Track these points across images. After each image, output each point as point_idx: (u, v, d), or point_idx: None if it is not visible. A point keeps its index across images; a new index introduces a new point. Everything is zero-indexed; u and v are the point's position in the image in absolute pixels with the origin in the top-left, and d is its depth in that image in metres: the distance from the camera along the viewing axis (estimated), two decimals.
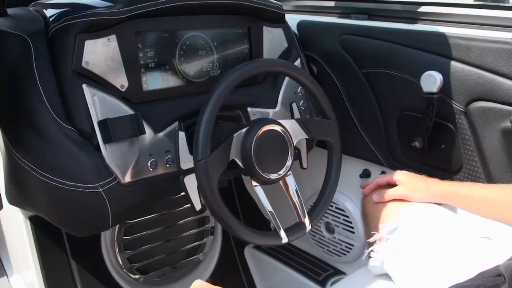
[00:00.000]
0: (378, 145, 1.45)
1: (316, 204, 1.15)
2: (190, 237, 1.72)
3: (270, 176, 1.05)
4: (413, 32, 1.29)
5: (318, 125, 1.15)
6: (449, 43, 1.20)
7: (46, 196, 1.02)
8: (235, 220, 0.98)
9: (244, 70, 1.00)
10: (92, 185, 0.99)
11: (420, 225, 1.07)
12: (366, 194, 1.23)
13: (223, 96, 0.96)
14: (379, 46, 1.35)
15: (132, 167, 1.04)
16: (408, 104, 1.32)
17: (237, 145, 1.01)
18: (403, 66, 1.30)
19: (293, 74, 1.09)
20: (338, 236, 1.69)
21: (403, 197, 1.14)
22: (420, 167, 1.33)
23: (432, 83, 1.18)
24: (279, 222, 1.05)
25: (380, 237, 1.11)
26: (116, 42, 1.04)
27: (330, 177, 1.16)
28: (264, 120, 1.06)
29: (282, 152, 1.07)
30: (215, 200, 0.94)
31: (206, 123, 0.94)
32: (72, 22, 0.98)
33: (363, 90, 1.42)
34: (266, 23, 1.31)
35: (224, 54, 1.25)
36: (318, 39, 1.51)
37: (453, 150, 1.25)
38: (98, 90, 1.00)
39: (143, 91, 1.11)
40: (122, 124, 1.00)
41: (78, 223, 1.07)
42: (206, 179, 0.93)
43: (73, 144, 0.98)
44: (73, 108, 0.99)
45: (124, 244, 1.55)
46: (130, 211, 1.09)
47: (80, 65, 0.99)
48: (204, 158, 0.93)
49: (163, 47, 1.14)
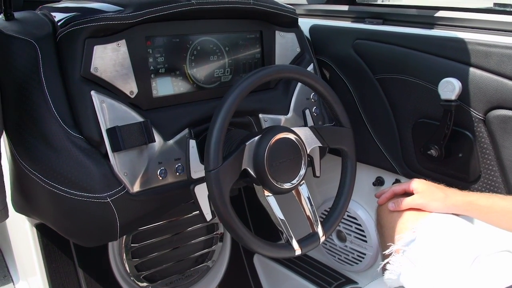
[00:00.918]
0: (392, 152, 1.42)
1: (330, 214, 1.12)
2: (198, 244, 1.69)
3: (283, 185, 1.01)
4: (429, 38, 1.26)
5: (333, 132, 1.12)
6: (467, 49, 1.17)
7: (52, 205, 1.00)
8: (247, 231, 0.95)
9: (257, 76, 0.97)
10: (100, 195, 0.96)
11: (439, 237, 1.04)
12: (381, 203, 1.20)
13: (236, 103, 0.93)
14: (394, 51, 1.33)
15: (141, 176, 1.01)
16: (424, 111, 1.29)
17: (249, 154, 0.98)
18: (419, 72, 1.26)
19: (308, 81, 1.05)
20: (350, 244, 1.65)
21: (420, 207, 1.11)
22: (436, 176, 1.30)
23: (451, 90, 1.15)
24: (292, 233, 1.02)
25: (396, 249, 1.08)
26: (126, 47, 1.02)
27: (344, 186, 1.13)
28: (277, 128, 1.03)
29: (296, 161, 1.04)
30: (227, 212, 0.91)
31: (218, 131, 0.90)
32: (81, 27, 0.96)
33: (377, 96, 1.39)
34: (278, 28, 1.28)
35: (236, 59, 1.22)
36: (331, 44, 1.49)
37: (471, 159, 1.22)
38: (106, 97, 0.98)
39: (152, 98, 1.08)
40: (131, 131, 0.98)
41: (85, 234, 1.05)
42: (217, 190, 0.90)
43: (81, 152, 0.95)
44: (81, 116, 0.96)
45: (132, 252, 1.52)
46: (138, 221, 1.06)
47: (88, 71, 0.97)
48: (215, 168, 0.90)
49: (174, 52, 1.11)
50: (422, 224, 1.07)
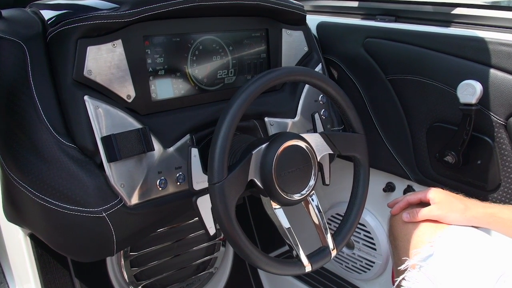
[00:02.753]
0: (404, 157, 1.35)
1: (341, 225, 1.04)
2: (200, 251, 1.62)
3: (292, 197, 0.94)
4: (447, 37, 1.18)
5: (345, 139, 1.04)
6: (488, 49, 1.10)
7: (43, 220, 0.92)
8: (254, 249, 0.88)
9: (265, 80, 0.89)
10: (94, 209, 0.89)
11: (459, 252, 0.97)
12: (395, 213, 1.13)
13: (242, 109, 0.86)
14: (407, 51, 1.26)
15: (139, 187, 0.94)
16: (440, 114, 1.21)
17: (256, 164, 0.91)
18: (435, 74, 1.19)
19: (320, 84, 0.98)
20: (358, 252, 1.58)
21: (438, 218, 1.04)
22: (452, 183, 1.23)
23: (471, 93, 1.08)
24: (301, 249, 0.95)
25: (412, 264, 1.01)
26: (122, 47, 0.94)
27: (357, 196, 1.06)
28: (285, 134, 0.96)
29: (305, 170, 0.96)
30: (233, 228, 0.84)
31: (222, 141, 0.83)
32: (72, 26, 0.88)
33: (389, 97, 1.32)
34: (285, 25, 1.21)
35: (240, 59, 1.15)
36: (339, 42, 1.42)
37: (490, 167, 1.15)
38: (101, 102, 0.90)
39: (151, 102, 1.01)
40: (128, 140, 0.91)
41: (79, 250, 0.97)
42: (222, 205, 0.82)
43: (74, 163, 0.88)
44: (73, 123, 0.89)
45: (131, 261, 1.45)
46: (137, 235, 0.99)
47: (81, 74, 0.89)
48: (220, 181, 0.82)
49: (174, 53, 1.04)
50: (440, 237, 1.01)
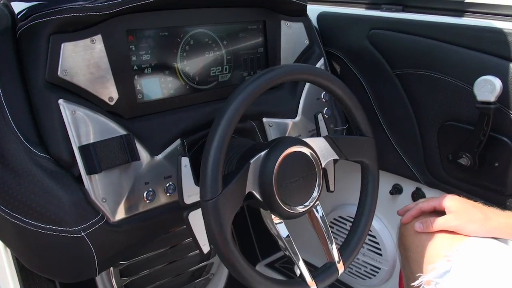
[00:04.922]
0: (413, 158, 1.26)
1: (349, 238, 0.95)
2: (195, 257, 1.53)
3: (296, 209, 0.85)
4: (461, 28, 1.09)
5: (352, 143, 0.95)
6: (508, 41, 1.00)
7: (17, 239, 0.83)
8: (253, 271, 0.78)
9: (264, 80, 0.79)
10: (72, 228, 0.79)
11: (479, 268, 0.89)
12: (406, 222, 1.04)
13: (238, 114, 0.76)
14: (416, 43, 1.17)
15: (124, 201, 0.84)
16: (453, 112, 1.12)
17: (254, 174, 0.81)
18: (448, 68, 1.10)
19: (324, 83, 0.88)
20: (363, 257, 1.50)
21: (455, 229, 0.96)
22: (465, 187, 1.14)
23: (489, 90, 0.98)
24: (305, 267, 0.86)
25: (427, 280, 0.92)
26: (102, 43, 0.85)
27: (365, 206, 0.96)
28: (286, 140, 0.85)
29: (309, 179, 0.87)
30: (229, 250, 0.74)
31: (216, 151, 0.73)
32: (44, 20, 0.78)
33: (396, 93, 1.23)
34: (284, 17, 1.13)
35: (235, 54, 1.06)
36: (342, 34, 1.32)
37: (509, 169, 1.06)
38: (79, 106, 0.80)
39: (137, 103, 0.91)
40: (110, 149, 0.81)
41: (57, 271, 0.88)
42: (217, 224, 0.73)
43: (47, 176, 0.78)
44: (47, 131, 0.79)
45: (121, 270, 1.36)
46: (122, 253, 0.89)
47: (55, 75, 0.79)
48: (214, 197, 0.72)
49: (162, 48, 0.94)
50: (458, 251, 0.92)
